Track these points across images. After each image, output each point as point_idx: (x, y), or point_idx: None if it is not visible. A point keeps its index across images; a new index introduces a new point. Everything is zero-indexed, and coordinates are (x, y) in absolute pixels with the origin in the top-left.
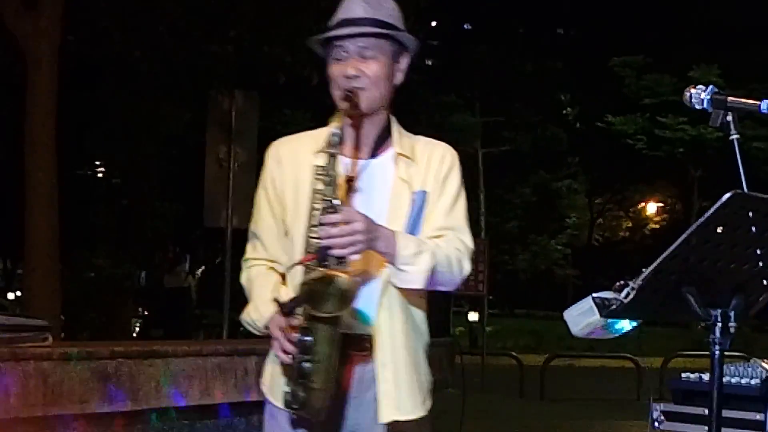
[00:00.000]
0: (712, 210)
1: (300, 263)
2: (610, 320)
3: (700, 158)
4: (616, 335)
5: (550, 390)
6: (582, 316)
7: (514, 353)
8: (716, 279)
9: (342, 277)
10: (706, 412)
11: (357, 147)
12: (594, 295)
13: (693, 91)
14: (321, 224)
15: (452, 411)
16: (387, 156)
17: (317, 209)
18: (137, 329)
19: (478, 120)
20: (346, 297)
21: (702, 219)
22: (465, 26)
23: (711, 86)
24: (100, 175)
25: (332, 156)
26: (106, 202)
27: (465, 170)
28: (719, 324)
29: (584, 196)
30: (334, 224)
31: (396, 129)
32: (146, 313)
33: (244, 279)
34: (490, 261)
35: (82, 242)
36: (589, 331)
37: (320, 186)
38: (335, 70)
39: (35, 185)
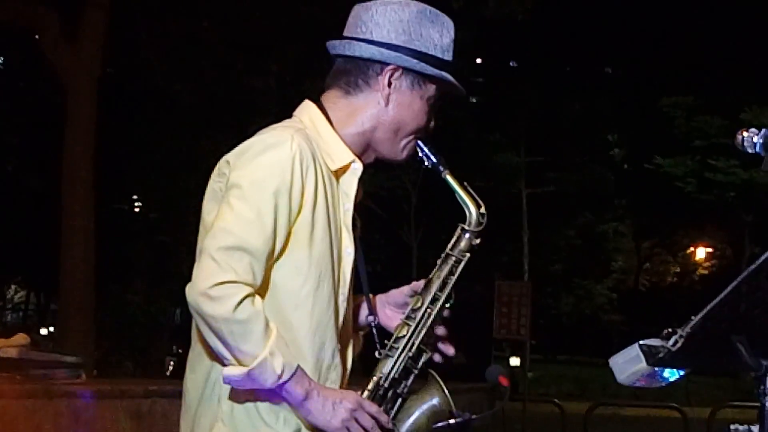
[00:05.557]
0: (764, 256)
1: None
2: (657, 368)
3: (752, 203)
4: (663, 384)
5: None
6: (628, 364)
7: (556, 400)
8: (767, 328)
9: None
10: None
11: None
12: (641, 342)
13: (745, 134)
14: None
15: None
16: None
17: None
18: (171, 368)
19: (523, 160)
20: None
21: (753, 266)
22: (511, 63)
23: (764, 129)
24: (137, 209)
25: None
26: (143, 237)
27: (508, 211)
28: None
29: (631, 240)
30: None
31: None
32: (181, 351)
33: (248, 311)
34: (533, 305)
35: (117, 278)
36: (635, 380)
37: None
38: (427, 115)
39: (72, 219)
